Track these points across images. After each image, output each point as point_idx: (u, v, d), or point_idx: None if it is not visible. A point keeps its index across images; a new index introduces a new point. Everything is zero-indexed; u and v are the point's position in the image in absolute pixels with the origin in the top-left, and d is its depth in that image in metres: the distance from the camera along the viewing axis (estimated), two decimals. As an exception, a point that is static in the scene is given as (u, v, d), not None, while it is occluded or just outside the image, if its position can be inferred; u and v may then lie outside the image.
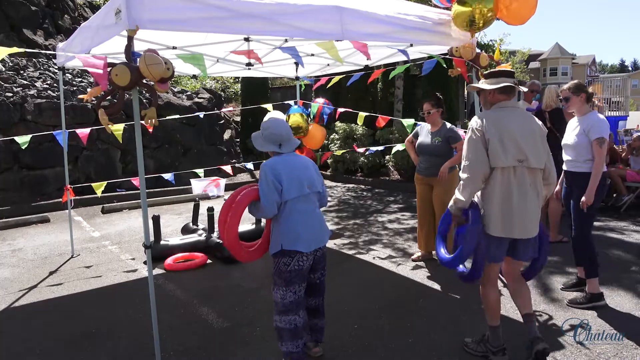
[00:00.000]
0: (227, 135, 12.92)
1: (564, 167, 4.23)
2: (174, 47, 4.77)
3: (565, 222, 6.32)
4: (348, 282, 4.75)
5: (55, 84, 10.21)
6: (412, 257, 5.39)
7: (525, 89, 3.93)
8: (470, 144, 2.97)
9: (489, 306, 3.17)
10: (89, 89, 8.38)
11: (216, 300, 4.38)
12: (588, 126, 3.94)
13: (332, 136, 11.80)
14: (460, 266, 3.37)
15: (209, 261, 5.51)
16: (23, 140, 5.41)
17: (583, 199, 3.88)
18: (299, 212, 2.90)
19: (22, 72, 10.50)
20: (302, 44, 5.03)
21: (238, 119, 15.94)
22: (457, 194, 2.99)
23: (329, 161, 11.78)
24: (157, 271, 5.24)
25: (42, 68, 10.96)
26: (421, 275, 4.85)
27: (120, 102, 2.95)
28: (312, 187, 2.98)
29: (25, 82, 10.01)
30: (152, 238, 5.73)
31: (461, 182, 2.97)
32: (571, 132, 4.13)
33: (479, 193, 3.09)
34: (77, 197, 8.67)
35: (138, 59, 2.92)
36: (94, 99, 8.51)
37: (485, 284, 3.18)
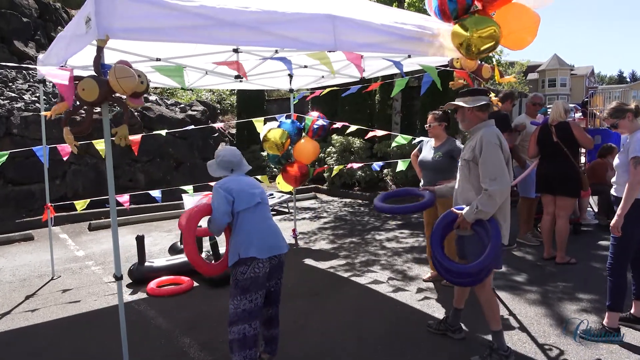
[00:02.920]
0: (221, 147, 12.62)
1: None
2: (158, 59, 4.50)
3: (571, 240, 6.08)
4: (343, 309, 4.42)
5: (44, 97, 9.94)
6: (424, 277, 5.12)
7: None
8: (497, 159, 3.07)
9: (495, 309, 3.31)
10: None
11: (200, 330, 4.06)
12: (629, 144, 3.55)
13: (328, 149, 11.53)
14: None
15: (195, 284, 5.18)
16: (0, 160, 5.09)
17: (612, 222, 3.53)
18: (251, 221, 3.06)
19: (10, 84, 10.24)
20: (294, 55, 4.77)
21: (234, 131, 15.68)
22: (483, 207, 3.06)
23: (325, 175, 11.48)
24: (140, 296, 4.92)
25: (31, 80, 10.71)
26: (422, 301, 4.54)
27: (88, 120, 2.66)
28: (264, 199, 3.17)
29: (13, 94, 9.74)
30: (135, 260, 5.43)
31: (488, 195, 3.04)
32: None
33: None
34: (63, 214, 8.36)
35: (108, 72, 2.64)
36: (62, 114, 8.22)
37: (488, 289, 3.33)
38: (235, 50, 4.73)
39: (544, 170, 5.40)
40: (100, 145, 5.20)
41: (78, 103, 2.72)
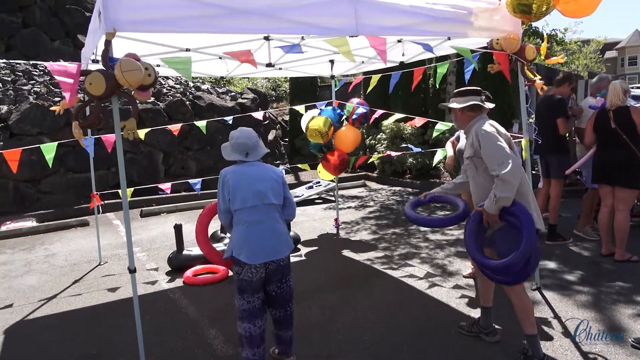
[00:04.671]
0: (271, 135, 12.69)
1: None
2: (187, 50, 4.48)
3: (636, 235, 5.52)
4: (372, 305, 4.26)
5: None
6: (465, 273, 4.87)
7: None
8: (497, 145, 2.98)
9: (528, 311, 3.11)
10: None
11: (227, 322, 4.05)
12: None
13: (379, 136, 11.26)
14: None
15: (230, 273, 5.21)
16: (49, 155, 5.29)
17: None
18: (243, 223, 2.92)
19: (73, 76, 10.77)
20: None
21: (287, 118, 15.73)
22: (500, 193, 2.90)
23: (375, 162, 11.22)
24: (177, 284, 5.01)
25: (92, 72, 11.21)
26: (458, 299, 4.29)
27: (95, 113, 2.66)
28: (265, 199, 2.95)
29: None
30: (174, 248, 5.55)
31: (502, 180, 2.89)
32: None
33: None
34: (118, 201, 8.71)
35: (114, 66, 2.62)
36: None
37: (519, 289, 3.11)
38: (266, 38, 4.62)
39: (600, 159, 4.91)
40: (142, 134, 5.32)
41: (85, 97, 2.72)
